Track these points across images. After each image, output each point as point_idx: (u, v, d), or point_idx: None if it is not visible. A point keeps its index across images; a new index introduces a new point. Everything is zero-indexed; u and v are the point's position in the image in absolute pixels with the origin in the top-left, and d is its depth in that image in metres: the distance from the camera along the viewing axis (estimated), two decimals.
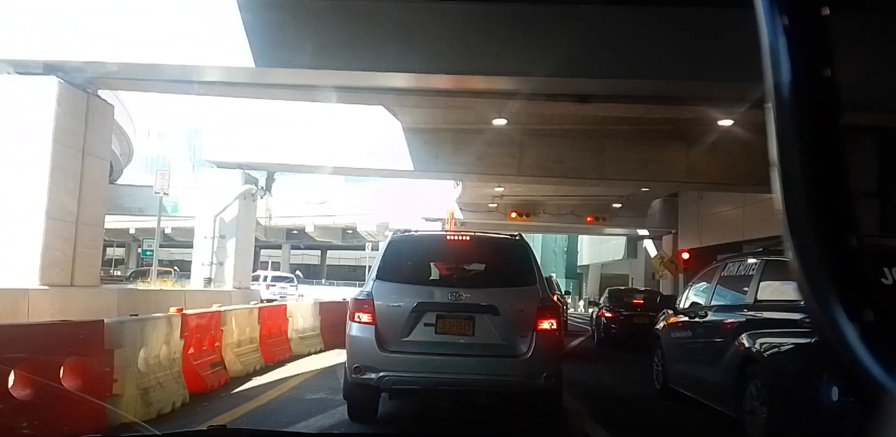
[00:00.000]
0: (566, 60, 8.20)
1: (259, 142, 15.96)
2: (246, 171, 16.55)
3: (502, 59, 8.50)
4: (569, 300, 25.90)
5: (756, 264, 5.74)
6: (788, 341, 4.70)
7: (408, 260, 5.40)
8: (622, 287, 21.05)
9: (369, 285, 5.09)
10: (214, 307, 7.09)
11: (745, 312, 5.53)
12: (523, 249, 5.43)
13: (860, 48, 6.79)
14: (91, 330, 4.65)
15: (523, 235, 5.65)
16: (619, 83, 8.95)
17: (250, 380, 7.07)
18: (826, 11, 0.62)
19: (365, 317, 4.91)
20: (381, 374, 4.76)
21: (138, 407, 4.85)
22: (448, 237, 5.83)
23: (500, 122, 13.49)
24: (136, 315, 5.29)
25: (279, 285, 28.92)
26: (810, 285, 0.63)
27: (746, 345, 5.12)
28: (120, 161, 31.25)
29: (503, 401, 5.45)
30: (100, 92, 10.30)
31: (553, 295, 6.40)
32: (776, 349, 4.86)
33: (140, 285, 17.46)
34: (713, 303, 6.42)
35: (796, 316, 4.44)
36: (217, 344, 6.80)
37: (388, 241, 5.50)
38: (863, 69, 6.82)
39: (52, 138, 9.06)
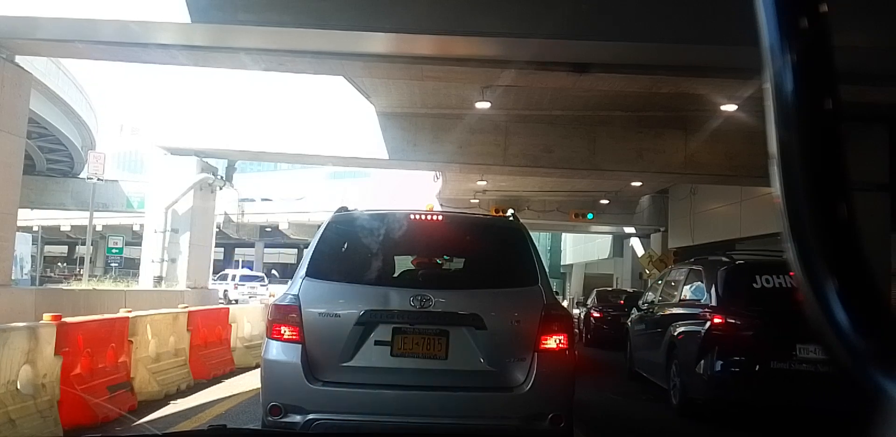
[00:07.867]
0: (563, 21, 6.96)
1: (218, 127, 14.45)
2: (203, 158, 15.00)
3: (489, 18, 7.18)
4: None
5: (683, 270, 7.73)
6: (693, 330, 6.46)
7: (353, 250, 3.89)
8: (609, 288, 21.00)
9: (296, 284, 3.56)
10: (121, 312, 5.60)
11: (673, 309, 7.47)
12: (520, 234, 3.94)
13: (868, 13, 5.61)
14: None
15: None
16: (622, 47, 7.65)
17: (167, 405, 5.59)
18: (824, 8, 0.62)
19: (288, 332, 3.41)
20: (311, 417, 3.27)
21: None
22: (412, 218, 4.00)
23: (483, 105, 12.20)
24: None
25: (248, 284, 28.12)
26: (811, 284, 0.62)
27: (672, 333, 6.88)
28: (81, 153, 29.45)
29: None
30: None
31: None
32: (685, 336, 6.61)
33: (70, 285, 15.75)
34: (658, 301, 8.23)
35: (697, 311, 6.63)
36: (122, 360, 5.32)
37: (325, 222, 3.97)
38: (866, 35, 5.74)
39: None
